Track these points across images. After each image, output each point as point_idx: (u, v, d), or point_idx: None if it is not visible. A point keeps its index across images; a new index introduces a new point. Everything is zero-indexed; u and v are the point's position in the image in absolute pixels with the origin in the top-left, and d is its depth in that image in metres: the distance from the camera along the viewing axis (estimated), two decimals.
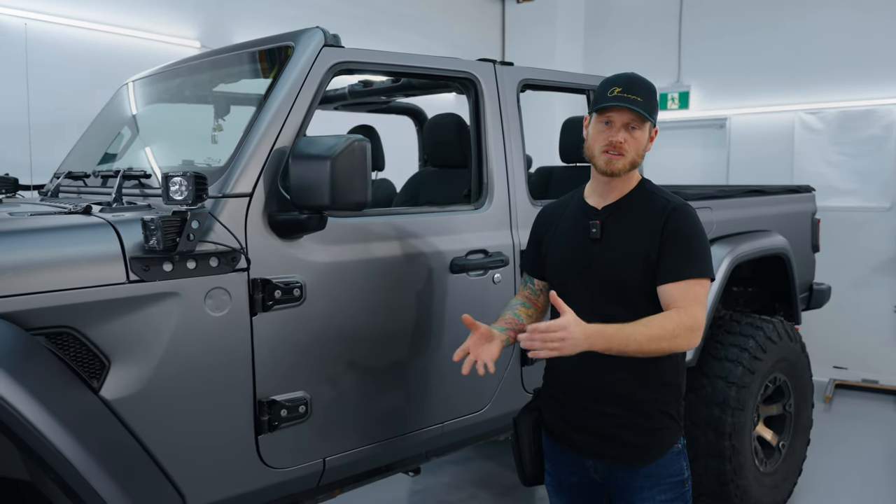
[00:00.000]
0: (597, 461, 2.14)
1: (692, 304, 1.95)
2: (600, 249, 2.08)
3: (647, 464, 2.09)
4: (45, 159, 3.21)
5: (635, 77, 2.08)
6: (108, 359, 1.91)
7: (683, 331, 1.91)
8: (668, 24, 7.35)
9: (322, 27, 2.42)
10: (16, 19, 3.87)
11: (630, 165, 2.05)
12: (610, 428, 2.09)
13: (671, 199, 2.10)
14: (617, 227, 2.09)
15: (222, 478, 2.14)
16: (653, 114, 2.04)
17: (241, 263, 2.12)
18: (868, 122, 6.28)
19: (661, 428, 2.10)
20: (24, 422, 1.62)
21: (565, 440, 2.19)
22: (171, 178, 1.94)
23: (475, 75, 2.83)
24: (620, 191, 2.11)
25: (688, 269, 1.99)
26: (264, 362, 2.18)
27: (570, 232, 2.17)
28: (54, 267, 1.85)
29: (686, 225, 2.05)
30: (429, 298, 2.60)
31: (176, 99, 3.09)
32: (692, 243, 2.03)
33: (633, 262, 2.03)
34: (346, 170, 2.07)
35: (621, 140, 2.02)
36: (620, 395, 2.08)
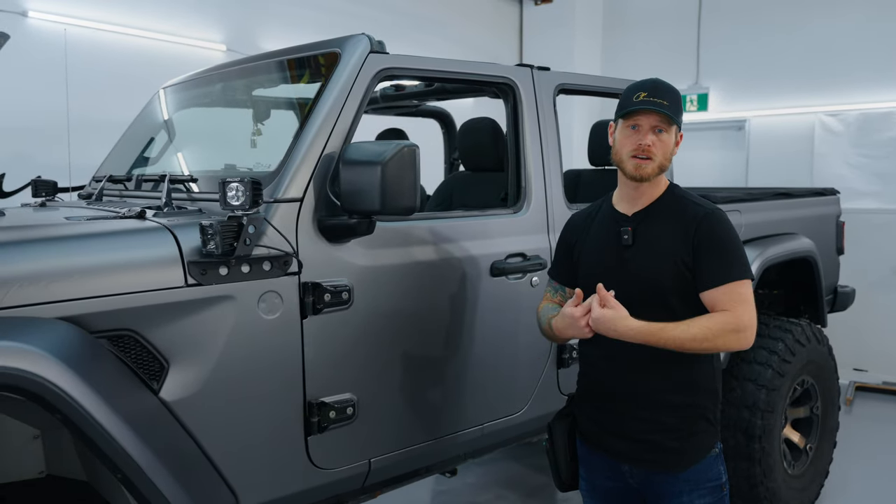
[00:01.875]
0: (633, 466, 2.14)
1: (737, 305, 1.97)
2: (632, 254, 2.10)
3: (685, 468, 2.09)
4: (83, 162, 3.25)
5: (659, 82, 2.10)
6: (166, 361, 1.94)
7: (728, 332, 1.94)
8: (687, 26, 7.36)
9: (367, 33, 2.45)
10: (56, 25, 3.92)
11: (658, 169, 2.07)
12: (647, 433, 2.09)
13: (702, 204, 2.11)
14: (648, 233, 2.10)
15: (273, 478, 2.17)
16: (678, 117, 2.07)
17: (292, 267, 2.16)
18: (889, 124, 6.28)
19: (699, 432, 2.10)
20: (94, 423, 1.65)
21: (600, 445, 2.19)
22: (228, 184, 1.97)
23: (514, 80, 2.86)
24: (650, 196, 2.13)
25: (728, 273, 2.00)
26: (314, 364, 2.22)
27: (601, 239, 2.18)
28: (116, 271, 1.89)
29: (719, 229, 2.06)
30: (470, 301, 2.63)
31: (217, 103, 3.13)
32: (728, 247, 2.04)
33: (667, 266, 2.05)
34: (396, 175, 2.10)
35: (649, 143, 2.03)
36: (657, 400, 2.08)
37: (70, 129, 3.03)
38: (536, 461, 4.84)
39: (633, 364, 2.07)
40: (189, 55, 4.80)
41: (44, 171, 3.42)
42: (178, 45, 4.78)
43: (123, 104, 3.70)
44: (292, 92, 2.77)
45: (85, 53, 4.27)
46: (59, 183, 3.31)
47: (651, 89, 2.05)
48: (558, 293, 2.33)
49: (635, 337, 1.94)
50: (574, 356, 2.96)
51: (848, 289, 4.88)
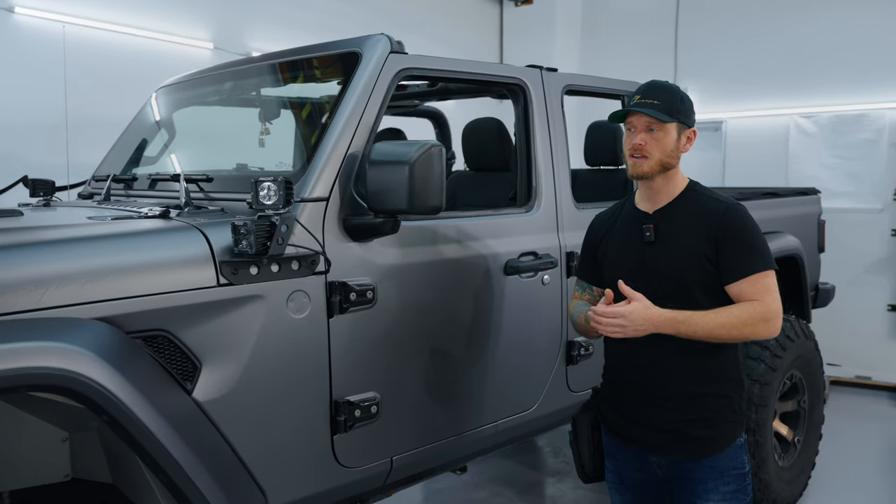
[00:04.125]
0: (659, 456, 2.18)
1: (764, 295, 2.04)
2: (655, 251, 2.15)
3: (711, 456, 2.14)
4: (79, 160, 3.21)
5: (655, 83, 2.18)
6: (199, 361, 1.93)
7: (757, 320, 2.00)
8: (665, 29, 7.48)
9: (387, 34, 2.46)
10: (55, 24, 3.85)
11: (659, 167, 2.12)
12: (673, 423, 2.14)
13: (723, 200, 2.17)
14: (670, 229, 2.15)
15: (300, 477, 2.18)
16: (675, 114, 2.11)
17: (319, 266, 2.16)
18: (860, 125, 6.47)
19: (724, 421, 2.15)
20: (140, 424, 1.64)
21: (627, 437, 2.23)
22: (260, 183, 1.97)
23: (524, 81, 2.90)
24: (668, 194, 2.19)
25: (752, 264, 2.06)
26: (339, 363, 2.22)
27: (624, 238, 2.24)
28: (150, 271, 1.87)
29: (741, 223, 2.11)
30: (486, 300, 2.66)
31: (225, 102, 3.11)
32: (750, 239, 2.09)
33: (690, 260, 2.10)
34: (423, 174, 2.11)
35: (640, 142, 2.10)
36: (682, 391, 2.13)
37: (69, 127, 2.99)
38: (530, 458, 4.90)
39: (658, 355, 2.12)
40: (176, 53, 4.75)
41: (44, 170, 3.37)
42: (165, 43, 4.72)
43: (117, 102, 3.66)
44: (308, 91, 2.77)
45: (84, 52, 4.21)
46: (55, 181, 3.26)
47: (644, 91, 2.15)
48: (586, 292, 2.38)
49: (664, 325, 2.00)
50: (583, 353, 3.01)
51: (828, 286, 5.02)
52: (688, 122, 2.17)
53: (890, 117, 6.33)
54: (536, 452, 5.03)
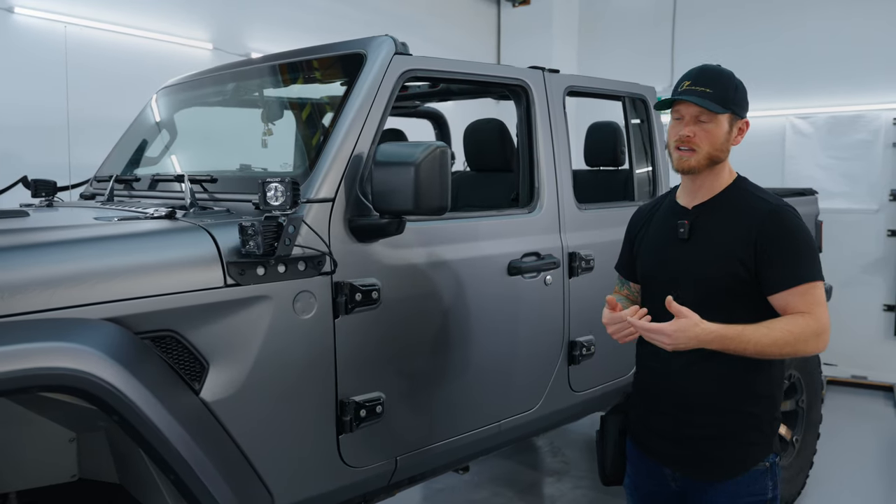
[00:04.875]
0: (674, 470, 2.07)
1: (815, 307, 1.86)
2: (688, 250, 2.00)
3: (728, 479, 1.99)
4: (81, 161, 3.21)
5: (707, 68, 2.00)
6: (207, 361, 1.94)
7: (810, 336, 1.83)
8: (662, 30, 7.51)
9: (391, 35, 2.47)
10: (56, 24, 3.84)
11: (707, 160, 1.94)
12: (694, 439, 2.01)
13: (769, 200, 1.96)
14: (707, 227, 1.99)
15: (306, 477, 2.18)
16: (728, 104, 1.93)
17: (326, 267, 2.17)
18: (856, 126, 6.51)
19: (748, 443, 1.99)
20: (150, 423, 1.65)
21: (646, 446, 2.14)
22: (268, 184, 1.97)
23: (527, 82, 2.91)
24: (711, 189, 2.01)
25: (802, 274, 1.87)
26: (345, 364, 2.23)
27: (659, 232, 2.10)
28: (158, 271, 1.88)
29: (788, 227, 1.91)
30: (489, 300, 2.67)
31: (228, 103, 3.11)
32: (799, 245, 1.90)
33: (724, 264, 1.93)
34: (429, 175, 2.12)
35: (689, 134, 1.92)
36: (709, 405, 1.99)
37: (70, 128, 2.99)
38: (529, 458, 4.91)
39: (686, 365, 1.97)
40: (176, 54, 4.75)
41: (39, 170, 3.36)
42: (165, 44, 4.72)
43: (115, 102, 3.66)
44: (312, 92, 2.77)
45: (86, 52, 4.21)
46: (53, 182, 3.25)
47: (695, 77, 1.96)
48: (625, 286, 2.29)
49: (713, 342, 1.82)
50: (584, 353, 3.02)
51: (826, 286, 5.03)
52: (741, 112, 1.98)
53: (886, 118, 6.37)
54: (536, 452, 5.04)
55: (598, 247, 3.09)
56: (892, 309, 6.46)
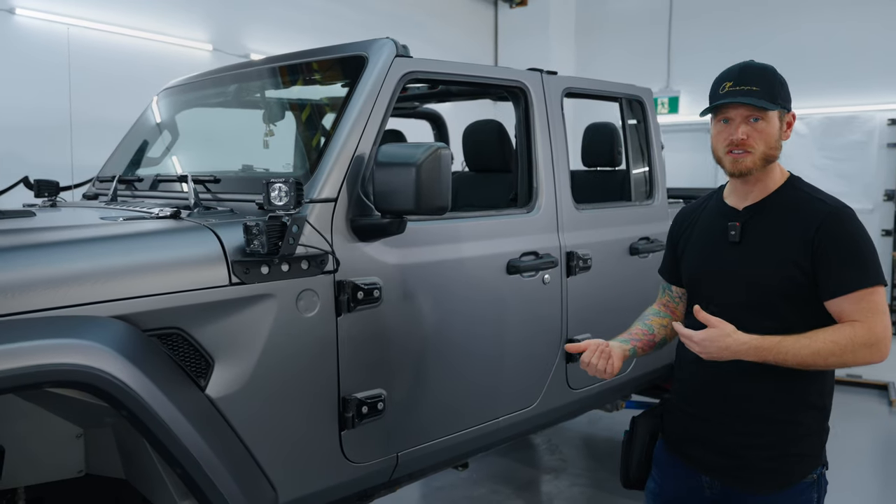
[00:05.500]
0: (714, 479, 1.99)
1: (869, 316, 1.75)
2: (739, 253, 1.92)
3: (772, 492, 1.91)
4: (83, 162, 3.24)
5: (748, 65, 1.92)
6: (212, 358, 1.97)
7: (858, 346, 1.73)
8: (658, 31, 7.57)
9: (392, 38, 2.50)
10: (59, 26, 3.88)
11: (763, 160, 1.86)
12: (739, 448, 1.92)
13: (827, 201, 1.87)
14: (759, 230, 1.90)
15: (309, 472, 2.22)
16: (777, 99, 1.85)
17: (328, 266, 2.20)
18: (851, 127, 6.57)
19: (797, 455, 1.90)
20: (157, 418, 1.68)
21: (684, 452, 2.05)
22: (272, 185, 2.01)
23: (525, 84, 2.95)
24: (763, 189, 1.93)
25: (857, 279, 1.77)
26: (347, 361, 2.27)
27: (706, 234, 2.02)
28: (164, 270, 1.91)
29: (847, 229, 1.81)
30: (489, 299, 2.71)
31: (233, 105, 3.14)
32: (857, 249, 1.80)
33: (777, 269, 1.85)
34: (430, 176, 2.16)
35: (743, 137, 1.84)
36: (756, 414, 1.90)
37: (73, 128, 3.02)
38: (527, 456, 4.95)
39: (732, 371, 1.87)
40: (177, 55, 4.79)
41: (41, 170, 3.40)
42: (166, 45, 4.76)
43: (116, 103, 3.70)
44: (315, 94, 2.81)
45: (88, 53, 4.26)
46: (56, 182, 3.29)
47: (738, 77, 1.88)
48: (665, 293, 2.23)
49: (748, 353, 1.75)
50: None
51: None
52: (789, 106, 1.91)
53: (880, 119, 6.44)
54: (533, 450, 5.08)
55: (595, 246, 3.13)
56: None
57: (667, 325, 2.16)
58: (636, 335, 2.12)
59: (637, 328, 2.16)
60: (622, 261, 3.30)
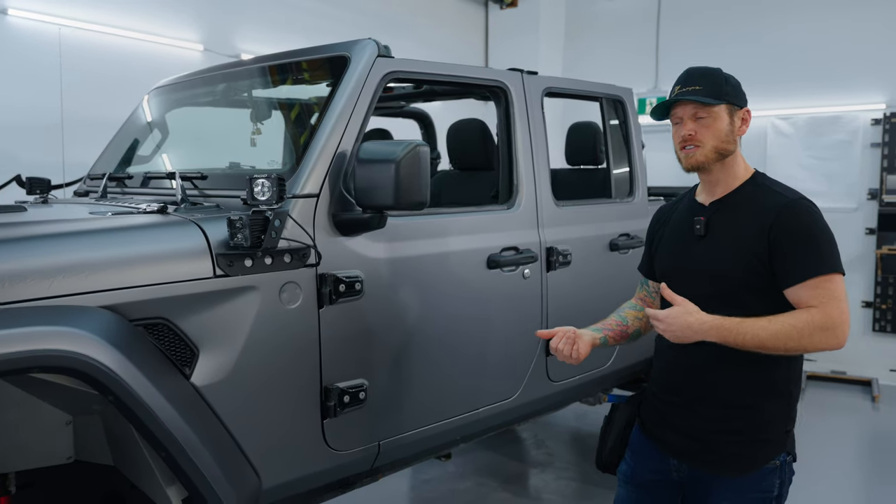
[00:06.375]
0: (682, 462, 2.08)
1: (826, 301, 1.81)
2: (704, 247, 2.01)
3: (736, 475, 1.99)
4: (75, 160, 3.31)
5: (692, 69, 2.05)
6: (197, 348, 2.04)
7: (816, 330, 1.78)
8: (646, 32, 7.65)
9: (374, 38, 2.58)
10: (51, 26, 3.95)
11: (715, 154, 1.97)
12: (707, 432, 2.01)
13: (785, 194, 1.95)
14: (722, 224, 2.00)
15: (292, 459, 2.29)
16: (722, 96, 1.97)
17: (311, 259, 2.28)
18: (835, 127, 6.66)
19: (762, 440, 1.98)
20: (142, 403, 1.75)
21: (657, 437, 2.14)
22: (255, 180, 2.08)
23: (506, 83, 3.03)
24: (727, 186, 2.02)
25: (813, 267, 1.84)
26: (329, 351, 2.34)
27: (677, 230, 2.13)
28: (150, 262, 1.98)
29: (802, 220, 1.89)
30: (469, 292, 2.79)
31: (218, 103, 3.21)
32: (812, 238, 1.87)
33: (739, 260, 1.93)
34: (408, 172, 2.23)
35: (691, 133, 1.96)
36: (724, 400, 1.98)
37: (64, 127, 3.09)
38: (513, 450, 5.03)
39: (703, 358, 1.97)
40: (168, 55, 4.85)
41: (33, 168, 3.46)
42: (157, 45, 4.82)
43: (108, 102, 3.76)
44: (299, 93, 2.88)
45: (80, 53, 4.31)
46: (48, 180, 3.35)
47: (684, 80, 2.03)
48: (643, 288, 2.32)
49: (709, 333, 1.83)
50: None
51: None
52: (739, 101, 2.01)
53: (864, 119, 6.53)
54: (520, 444, 5.16)
55: (575, 242, 3.21)
56: (871, 305, 6.61)
57: (642, 317, 2.24)
58: (609, 325, 2.22)
59: (611, 319, 2.25)
60: (602, 256, 3.38)
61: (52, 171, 3.39)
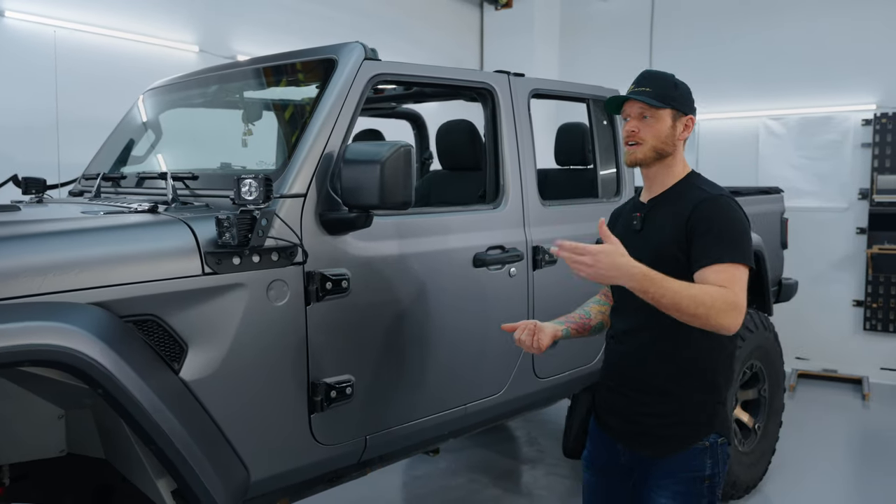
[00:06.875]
0: (623, 446, 2.25)
1: (732, 284, 1.92)
2: (640, 240, 2.16)
3: (668, 455, 2.15)
4: (70, 160, 3.36)
5: (648, 72, 2.20)
6: (185, 344, 2.10)
7: (725, 305, 1.87)
8: (640, 34, 7.71)
9: (361, 41, 2.63)
10: (46, 28, 4.00)
11: (653, 153, 2.13)
12: (640, 416, 2.18)
13: (708, 190, 2.11)
14: (655, 219, 2.16)
15: (280, 453, 2.34)
16: (668, 100, 2.11)
17: (298, 257, 2.33)
18: (827, 127, 6.72)
19: (689, 423, 2.13)
20: (131, 397, 1.81)
21: (605, 423, 2.32)
22: (242, 180, 2.13)
23: (492, 85, 3.08)
24: (664, 183, 2.19)
25: (723, 253, 1.97)
26: (316, 348, 2.40)
27: (623, 227, 2.27)
28: (140, 260, 2.03)
29: (717, 212, 2.03)
30: (455, 290, 2.84)
31: (210, 104, 3.27)
32: (724, 229, 2.01)
33: (666, 251, 2.08)
34: (393, 173, 2.29)
35: (634, 130, 2.13)
36: (655, 386, 2.15)
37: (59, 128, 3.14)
38: (505, 447, 5.09)
39: (638, 348, 2.16)
40: (163, 56, 4.90)
41: (29, 169, 3.51)
42: (153, 47, 4.88)
43: (103, 103, 3.81)
44: (287, 94, 2.94)
45: (74, 55, 4.36)
46: (43, 180, 3.40)
47: (639, 81, 2.18)
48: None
49: (635, 276, 1.87)
50: None
51: (791, 281, 5.24)
52: (683, 108, 2.15)
53: (855, 119, 6.59)
54: (512, 441, 5.22)
55: None
56: (861, 304, 6.67)
57: (605, 311, 2.38)
58: (572, 318, 2.37)
59: (575, 313, 2.40)
60: None
61: (48, 172, 3.45)
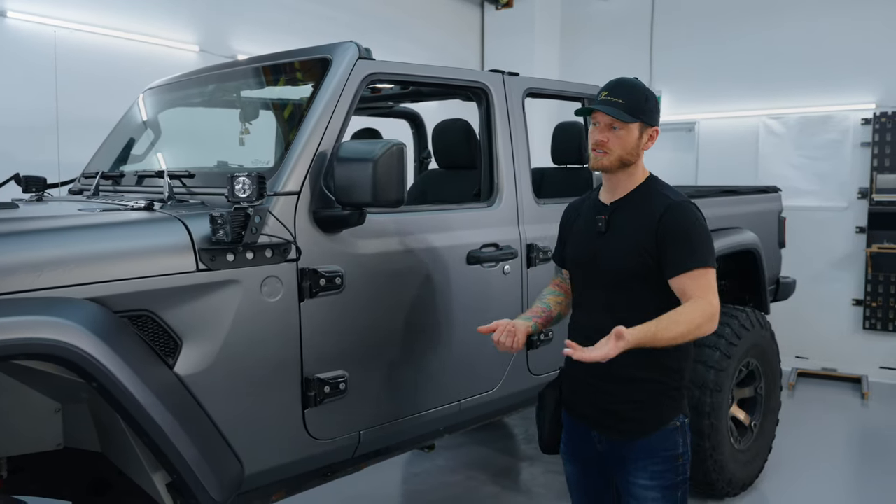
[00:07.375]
0: (599, 433, 2.33)
1: (706, 291, 2.10)
2: (604, 242, 2.27)
3: (642, 437, 2.25)
4: (70, 159, 3.40)
5: (622, 81, 2.25)
6: (180, 339, 2.13)
7: (706, 320, 2.06)
8: (641, 32, 7.72)
9: (355, 41, 2.66)
10: (46, 28, 4.04)
11: (619, 162, 2.22)
12: (613, 404, 2.27)
13: (671, 196, 2.23)
14: (619, 222, 2.26)
15: (274, 447, 2.38)
16: (638, 114, 2.19)
17: (291, 254, 2.36)
18: (826, 127, 6.72)
19: (660, 405, 2.25)
20: (125, 390, 1.84)
21: (578, 412, 2.39)
22: (236, 178, 2.16)
23: (487, 85, 3.11)
24: (625, 187, 2.28)
25: (692, 261, 2.12)
26: (310, 344, 2.43)
27: (584, 226, 2.36)
28: (135, 257, 2.07)
29: (683, 220, 2.18)
30: (449, 287, 2.87)
31: (208, 104, 3.30)
32: (691, 236, 2.16)
33: (631, 255, 2.19)
34: (386, 171, 2.32)
35: (603, 139, 2.20)
36: (624, 375, 2.23)
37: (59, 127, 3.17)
38: (503, 444, 5.11)
39: (599, 339, 2.17)
40: (163, 56, 4.94)
41: (29, 168, 3.55)
42: (152, 46, 4.91)
43: (102, 103, 3.84)
44: (283, 94, 2.97)
45: (74, 55, 4.40)
46: (43, 178, 3.44)
47: (612, 88, 2.23)
48: (558, 274, 2.57)
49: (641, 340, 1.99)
50: (542, 339, 3.22)
51: (789, 279, 5.25)
52: (650, 121, 2.24)
53: (854, 119, 6.59)
54: (510, 439, 5.24)
55: (555, 239, 3.27)
56: (861, 303, 6.67)
57: (561, 301, 2.50)
58: (536, 313, 2.45)
59: (537, 306, 2.48)
60: None
61: (48, 171, 3.49)
